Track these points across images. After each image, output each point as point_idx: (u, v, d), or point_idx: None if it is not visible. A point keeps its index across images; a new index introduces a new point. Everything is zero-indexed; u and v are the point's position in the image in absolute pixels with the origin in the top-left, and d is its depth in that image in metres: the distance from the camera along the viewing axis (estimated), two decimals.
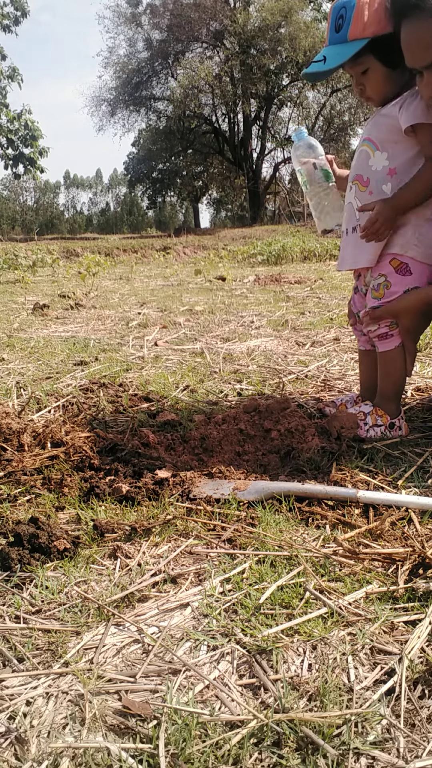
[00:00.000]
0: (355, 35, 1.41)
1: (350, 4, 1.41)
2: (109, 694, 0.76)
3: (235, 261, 9.63)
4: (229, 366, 2.50)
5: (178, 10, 24.84)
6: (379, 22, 1.39)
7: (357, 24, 1.40)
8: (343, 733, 0.68)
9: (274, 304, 4.33)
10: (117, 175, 72.15)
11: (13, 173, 20.78)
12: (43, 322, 3.86)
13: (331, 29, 1.47)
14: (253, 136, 29.38)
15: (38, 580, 1.00)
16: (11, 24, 19.91)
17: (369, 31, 1.40)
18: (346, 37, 1.42)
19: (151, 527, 1.14)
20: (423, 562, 1.00)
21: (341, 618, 0.88)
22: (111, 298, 5.08)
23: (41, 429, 1.60)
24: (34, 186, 65.75)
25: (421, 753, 0.66)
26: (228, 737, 0.68)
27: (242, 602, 0.92)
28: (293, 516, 1.19)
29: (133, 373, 2.41)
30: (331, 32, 1.47)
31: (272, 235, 14.62)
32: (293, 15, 23.64)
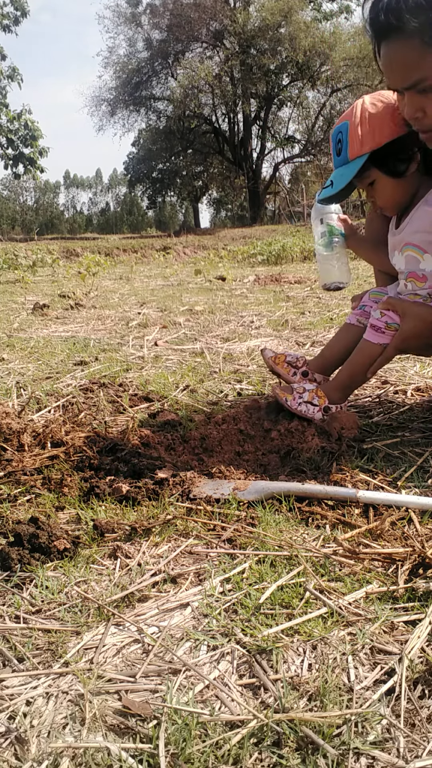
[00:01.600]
0: (355, 154, 1.46)
1: (344, 127, 1.48)
2: (109, 694, 0.76)
3: (235, 261, 9.63)
4: (229, 366, 2.50)
5: (178, 10, 24.85)
6: (373, 137, 1.44)
7: (354, 144, 1.45)
8: (343, 733, 0.68)
9: (274, 304, 4.33)
10: (117, 175, 72.18)
11: (13, 173, 20.79)
12: (43, 322, 3.86)
13: (333, 155, 1.53)
14: (253, 136, 29.39)
15: (38, 580, 1.00)
16: (11, 24, 19.92)
17: (366, 147, 1.45)
18: (347, 158, 1.47)
19: (151, 527, 1.14)
20: (423, 562, 1.00)
21: (341, 618, 0.88)
22: (111, 298, 5.08)
23: (41, 429, 1.60)
24: (34, 186, 65.79)
25: (421, 753, 0.66)
26: (228, 737, 0.68)
27: (242, 602, 0.92)
28: (293, 516, 1.19)
29: (133, 373, 2.41)
30: (334, 158, 1.53)
31: (272, 235, 14.62)
32: (293, 15, 23.65)
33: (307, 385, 1.61)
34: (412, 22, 1.18)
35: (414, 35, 1.19)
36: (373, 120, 1.44)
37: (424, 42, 1.19)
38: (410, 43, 1.21)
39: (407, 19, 1.18)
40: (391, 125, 1.43)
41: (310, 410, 1.58)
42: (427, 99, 1.27)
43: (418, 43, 1.20)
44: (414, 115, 1.31)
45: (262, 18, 23.91)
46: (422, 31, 1.18)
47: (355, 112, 1.46)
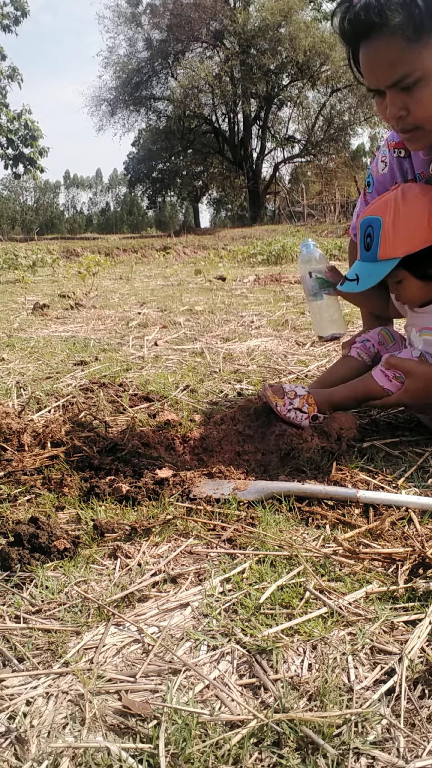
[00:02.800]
0: (387, 256, 1.42)
1: (377, 223, 1.42)
2: (109, 694, 0.76)
3: (235, 261, 9.63)
4: (229, 366, 2.50)
5: (178, 9, 24.85)
6: (407, 241, 1.40)
7: (386, 245, 1.41)
8: (343, 732, 0.68)
9: (274, 304, 4.33)
10: (117, 175, 72.17)
11: (13, 173, 20.79)
12: (43, 322, 3.86)
13: (360, 246, 1.48)
14: (253, 136, 29.40)
15: (38, 580, 1.00)
16: (11, 24, 19.91)
17: (399, 252, 1.41)
18: (376, 257, 1.43)
19: (151, 527, 1.14)
20: (423, 562, 1.00)
21: (341, 618, 0.88)
22: (111, 298, 5.08)
23: (41, 429, 1.60)
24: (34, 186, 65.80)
25: (421, 753, 0.66)
26: (228, 737, 0.68)
27: (242, 602, 0.92)
28: (293, 516, 1.19)
29: (133, 373, 2.41)
30: (361, 249, 1.48)
31: (272, 235, 14.62)
32: (293, 15, 23.66)
33: (299, 390, 1.57)
34: (395, 18, 1.18)
35: (396, 31, 1.19)
36: (408, 223, 1.39)
37: (407, 37, 1.19)
38: (393, 40, 1.21)
39: (389, 16, 1.18)
40: (427, 230, 1.40)
41: (299, 417, 1.54)
42: (410, 97, 1.26)
43: (401, 39, 1.20)
44: (397, 114, 1.30)
45: (262, 18, 23.92)
46: (404, 26, 1.18)
47: (389, 209, 1.40)
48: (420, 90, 1.24)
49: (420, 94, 1.25)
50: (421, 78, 1.23)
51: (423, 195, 1.44)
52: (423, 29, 1.19)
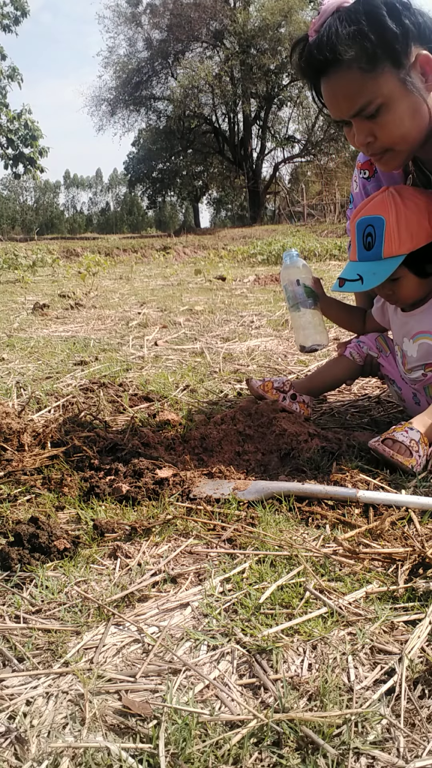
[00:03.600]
0: (391, 253, 1.42)
1: (378, 222, 1.42)
2: (109, 694, 0.76)
3: (235, 261, 9.63)
4: (229, 366, 2.50)
5: (178, 9, 24.85)
6: (412, 238, 1.41)
7: (391, 243, 1.41)
8: (343, 732, 0.68)
9: (274, 304, 4.33)
10: (117, 174, 72.18)
11: (13, 173, 20.78)
12: (43, 321, 3.86)
13: (359, 246, 1.47)
14: (253, 136, 29.39)
15: (38, 580, 1.00)
16: (11, 24, 19.90)
17: (404, 248, 1.41)
18: (380, 255, 1.43)
19: (151, 527, 1.14)
20: (423, 561, 1.00)
21: (341, 618, 0.88)
22: (111, 298, 5.08)
23: (41, 429, 1.60)
24: (34, 186, 65.82)
25: (421, 753, 0.66)
26: (228, 737, 0.68)
27: (242, 602, 0.92)
28: (293, 516, 1.19)
29: (133, 373, 2.41)
30: (359, 249, 1.47)
31: (272, 235, 14.62)
32: (293, 15, 23.65)
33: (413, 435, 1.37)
34: (348, 53, 1.22)
35: (352, 64, 1.23)
36: (411, 220, 1.41)
37: (362, 69, 1.23)
38: (349, 73, 1.25)
39: (343, 51, 1.22)
40: (427, 227, 1.41)
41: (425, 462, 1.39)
42: (375, 123, 1.30)
43: (357, 71, 1.24)
44: (365, 141, 1.33)
45: (262, 18, 23.92)
46: (359, 59, 1.22)
47: (390, 208, 1.41)
48: (383, 116, 1.28)
49: (383, 119, 1.28)
50: (382, 104, 1.26)
51: (419, 194, 1.45)
52: (377, 58, 1.22)
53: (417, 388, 1.64)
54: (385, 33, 1.21)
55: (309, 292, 1.71)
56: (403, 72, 1.25)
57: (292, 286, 1.73)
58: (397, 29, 1.21)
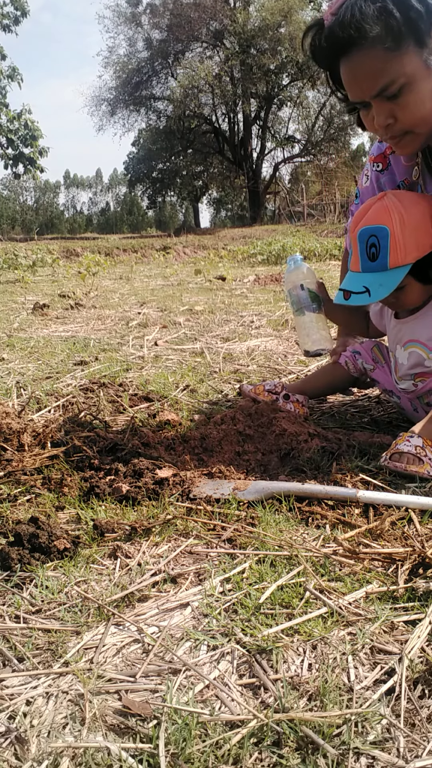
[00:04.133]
0: (397, 263, 1.40)
1: (382, 232, 1.40)
2: (109, 694, 0.76)
3: (235, 261, 9.63)
4: (229, 366, 2.50)
5: (178, 9, 24.84)
6: (417, 247, 1.39)
7: (396, 252, 1.39)
8: (343, 732, 0.68)
9: (274, 304, 4.33)
10: (117, 174, 72.17)
11: (13, 173, 20.77)
12: (43, 321, 3.86)
13: (362, 257, 1.45)
14: (253, 136, 29.39)
15: (38, 580, 1.00)
16: (11, 24, 19.89)
17: (411, 257, 1.40)
18: (386, 266, 1.41)
19: (151, 527, 1.14)
20: (423, 561, 1.00)
21: (341, 618, 0.88)
22: (111, 298, 5.08)
23: (41, 429, 1.60)
24: (34, 186, 65.82)
25: (421, 753, 0.66)
26: (228, 737, 0.68)
27: (242, 602, 0.92)
28: (293, 516, 1.19)
29: (133, 373, 2.41)
30: (363, 260, 1.45)
31: (272, 235, 14.62)
32: (293, 15, 23.65)
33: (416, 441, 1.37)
34: (374, 31, 1.20)
35: (375, 43, 1.21)
36: (415, 229, 1.39)
37: (386, 48, 1.21)
38: (373, 52, 1.23)
39: (368, 29, 1.20)
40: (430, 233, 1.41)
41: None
42: (396, 104, 1.28)
43: (381, 50, 1.22)
44: (385, 123, 1.31)
45: (262, 18, 23.91)
46: (383, 37, 1.20)
47: (393, 217, 1.40)
48: (405, 96, 1.26)
49: (405, 100, 1.27)
50: (404, 84, 1.25)
51: (420, 199, 1.44)
52: (401, 37, 1.21)
53: (411, 398, 1.64)
54: (409, 11, 1.19)
55: (313, 297, 1.70)
56: (426, 51, 1.23)
57: (296, 291, 1.71)
58: (421, 8, 1.19)
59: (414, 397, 1.62)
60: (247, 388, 1.90)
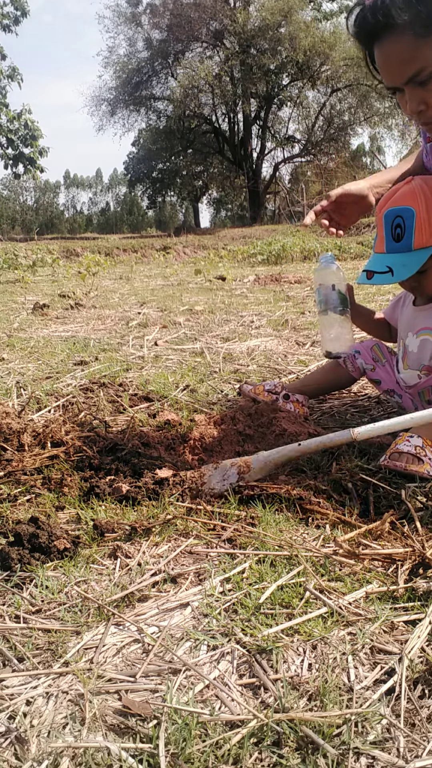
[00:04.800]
0: (421, 244, 1.40)
1: (408, 213, 1.40)
2: (109, 694, 0.76)
3: (235, 261, 9.63)
4: (229, 366, 2.50)
5: (178, 9, 24.84)
6: None
7: (422, 233, 1.39)
8: (343, 732, 0.68)
9: (274, 304, 4.33)
10: (117, 174, 72.13)
11: (13, 173, 20.78)
12: (43, 321, 3.86)
13: (387, 238, 1.44)
14: (253, 136, 29.38)
15: (38, 580, 1.00)
16: (11, 24, 19.90)
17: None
18: (410, 246, 1.41)
19: (151, 527, 1.14)
20: (423, 561, 1.00)
21: (341, 618, 0.88)
22: (111, 298, 5.08)
23: (41, 429, 1.60)
24: (34, 186, 65.80)
25: (421, 753, 0.66)
26: (228, 737, 0.68)
27: (242, 602, 0.92)
28: (293, 516, 1.19)
29: (133, 373, 2.41)
30: (387, 241, 1.45)
31: (272, 235, 14.61)
32: (293, 15, 23.65)
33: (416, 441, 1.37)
34: (402, 17, 1.20)
35: (405, 29, 1.21)
36: None
37: (417, 34, 1.21)
38: (403, 38, 1.23)
39: (397, 15, 1.20)
40: None
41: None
42: (427, 91, 1.28)
43: (411, 37, 1.22)
44: (417, 109, 1.31)
45: (262, 18, 23.90)
46: (413, 24, 1.20)
47: (419, 199, 1.40)
48: None
49: None
50: None
51: None
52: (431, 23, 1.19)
53: (412, 394, 1.64)
54: None
55: (342, 299, 1.67)
56: None
57: (326, 290, 1.68)
58: None
59: (415, 392, 1.61)
60: (246, 388, 1.90)
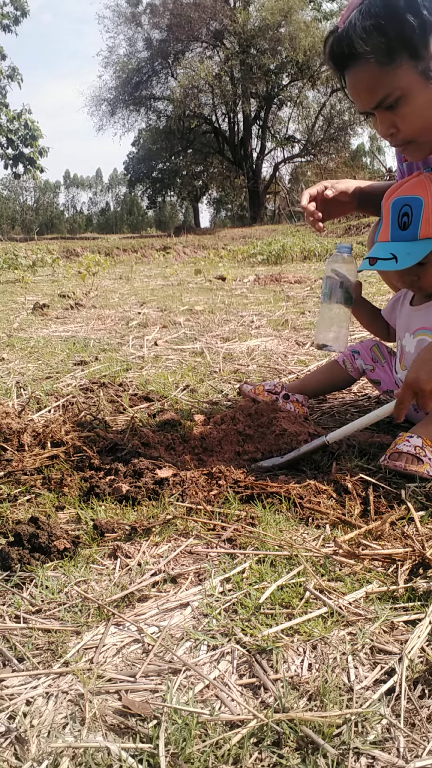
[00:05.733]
0: (427, 234, 1.40)
1: (416, 202, 1.40)
2: (109, 694, 0.76)
3: (235, 261, 9.63)
4: (229, 366, 2.50)
5: (178, 9, 24.85)
6: None
7: (428, 223, 1.39)
8: (343, 732, 0.68)
9: (274, 304, 4.33)
10: (117, 174, 72.13)
11: (13, 173, 20.79)
12: (43, 321, 3.86)
13: (393, 226, 1.45)
14: (253, 136, 29.39)
15: (38, 580, 1.00)
16: (11, 24, 19.92)
17: None
18: (416, 236, 1.41)
19: (151, 527, 1.14)
20: (423, 562, 1.00)
21: (341, 618, 0.88)
22: (111, 298, 5.08)
23: (41, 429, 1.60)
24: (34, 186, 65.79)
25: (421, 753, 0.66)
26: (228, 737, 0.68)
27: (242, 602, 0.92)
28: (293, 516, 1.19)
29: (133, 373, 2.41)
30: (393, 229, 1.45)
31: (272, 235, 14.62)
32: (293, 15, 23.66)
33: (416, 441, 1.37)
34: (363, 47, 1.25)
35: (369, 58, 1.26)
36: None
37: (380, 62, 1.26)
38: (367, 67, 1.28)
39: (359, 45, 1.25)
40: None
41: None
42: (396, 115, 1.33)
43: (374, 65, 1.27)
44: (388, 132, 1.36)
45: (262, 18, 23.91)
46: (375, 53, 1.25)
47: (428, 189, 1.40)
48: (402, 108, 1.30)
49: (403, 111, 1.31)
50: (400, 96, 1.29)
51: None
52: (393, 52, 1.24)
53: None
54: (403, 27, 1.22)
55: (347, 293, 1.64)
56: (422, 64, 1.26)
57: (333, 281, 1.65)
58: (414, 22, 1.21)
59: None
60: (246, 388, 1.90)
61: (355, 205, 1.68)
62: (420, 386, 1.28)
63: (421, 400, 1.31)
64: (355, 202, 1.68)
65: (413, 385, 1.29)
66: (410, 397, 1.31)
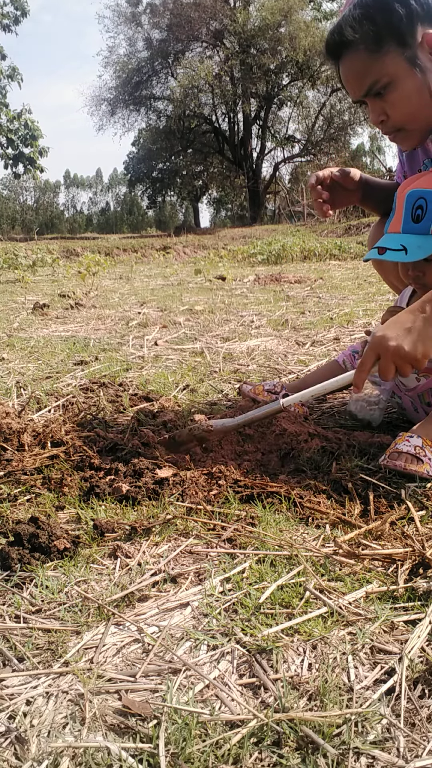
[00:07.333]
0: None
1: (430, 196, 1.38)
2: (109, 694, 0.76)
3: (235, 261, 9.63)
4: (229, 365, 2.50)
5: (178, 9, 24.85)
6: None
7: None
8: (343, 732, 0.68)
9: (274, 304, 4.33)
10: (117, 174, 72.12)
11: (13, 173, 20.80)
12: (43, 321, 3.86)
13: (406, 218, 1.43)
14: (253, 136, 29.40)
15: (38, 580, 1.00)
16: (11, 24, 19.93)
17: None
18: (429, 230, 1.39)
19: (151, 527, 1.14)
20: (423, 561, 1.00)
21: (341, 617, 0.88)
22: (111, 298, 5.08)
23: (41, 429, 1.60)
24: (34, 186, 65.78)
25: (421, 752, 0.66)
26: (228, 737, 0.68)
27: (242, 602, 0.92)
28: (293, 515, 1.19)
29: (133, 373, 2.41)
30: (406, 221, 1.43)
31: (272, 235, 14.62)
32: (293, 14, 23.67)
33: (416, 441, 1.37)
34: (353, 35, 1.32)
35: (358, 46, 1.33)
36: None
37: (369, 50, 1.33)
38: (357, 54, 1.35)
39: (348, 33, 1.33)
40: None
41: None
42: (385, 102, 1.38)
43: (364, 52, 1.34)
44: (379, 119, 1.41)
45: (262, 17, 23.92)
46: (365, 40, 1.32)
47: None
48: (390, 94, 1.36)
49: (391, 98, 1.36)
50: (388, 83, 1.34)
51: None
52: (381, 39, 1.31)
53: (412, 396, 1.63)
54: (391, 15, 1.29)
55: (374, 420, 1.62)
56: (409, 51, 1.31)
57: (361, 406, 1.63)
58: (402, 11, 1.28)
59: (415, 395, 1.61)
60: (246, 388, 1.90)
61: (360, 195, 1.67)
62: (385, 345, 1.20)
63: (382, 364, 1.22)
64: (360, 192, 1.67)
65: (378, 345, 1.21)
66: (372, 359, 1.23)
